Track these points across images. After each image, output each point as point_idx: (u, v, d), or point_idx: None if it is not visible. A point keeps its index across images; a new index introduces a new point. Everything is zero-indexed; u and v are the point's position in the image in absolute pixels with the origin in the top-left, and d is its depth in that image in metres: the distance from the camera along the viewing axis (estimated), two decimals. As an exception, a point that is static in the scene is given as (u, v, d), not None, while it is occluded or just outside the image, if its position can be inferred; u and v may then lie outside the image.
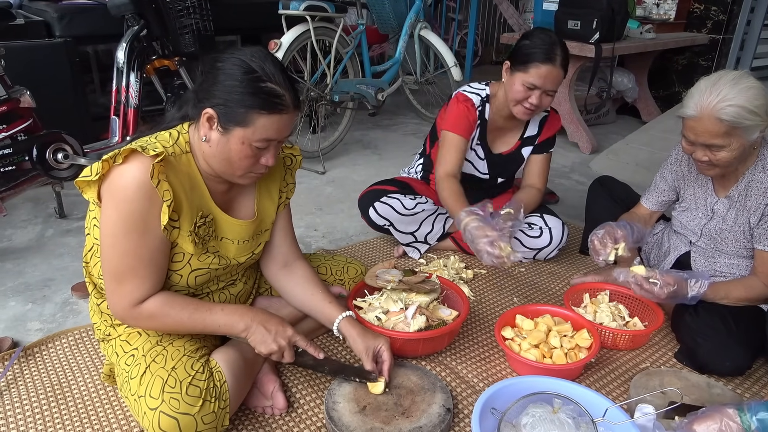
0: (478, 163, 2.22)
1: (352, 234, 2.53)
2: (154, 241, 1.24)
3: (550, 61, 1.89)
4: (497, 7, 5.74)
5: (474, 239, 1.77)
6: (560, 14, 3.59)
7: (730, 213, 1.72)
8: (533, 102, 1.95)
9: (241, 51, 1.25)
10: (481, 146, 2.19)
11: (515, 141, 2.20)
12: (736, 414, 1.20)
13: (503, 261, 1.72)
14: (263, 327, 1.35)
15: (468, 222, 1.82)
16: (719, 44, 4.19)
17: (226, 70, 1.23)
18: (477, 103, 2.12)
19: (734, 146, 1.54)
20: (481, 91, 2.13)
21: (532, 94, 1.94)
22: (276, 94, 1.23)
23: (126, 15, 2.59)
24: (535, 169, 2.21)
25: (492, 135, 2.19)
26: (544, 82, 1.91)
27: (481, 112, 2.13)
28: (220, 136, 1.25)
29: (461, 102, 2.11)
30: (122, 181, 1.19)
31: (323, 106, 3.37)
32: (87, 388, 1.52)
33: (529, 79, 1.92)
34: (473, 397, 1.53)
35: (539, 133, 2.20)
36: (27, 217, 2.58)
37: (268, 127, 1.24)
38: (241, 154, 1.26)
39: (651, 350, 1.77)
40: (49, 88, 2.76)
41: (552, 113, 2.22)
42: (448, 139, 2.10)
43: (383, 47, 5.18)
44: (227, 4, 3.52)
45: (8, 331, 1.79)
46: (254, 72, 1.21)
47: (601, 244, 1.75)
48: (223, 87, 1.22)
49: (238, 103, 1.21)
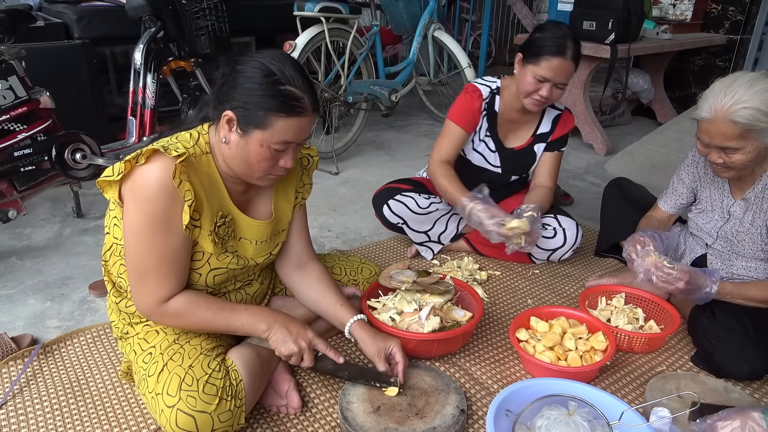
0: (489, 156, 2.21)
1: (365, 234, 2.53)
2: (177, 239, 1.26)
3: (561, 55, 1.90)
4: (511, 8, 5.73)
5: (482, 221, 1.84)
6: (575, 15, 3.57)
7: (747, 215, 1.70)
8: (543, 94, 1.96)
9: (261, 54, 1.26)
10: (492, 138, 2.19)
11: (528, 137, 2.20)
12: (762, 417, 1.19)
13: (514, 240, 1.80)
14: (285, 328, 1.37)
15: (473, 206, 1.88)
16: (737, 45, 4.14)
17: (246, 72, 1.24)
18: (485, 94, 2.13)
19: (749, 149, 1.52)
20: (491, 83, 2.15)
21: (543, 86, 1.95)
22: (295, 97, 1.24)
23: (143, 17, 2.62)
24: (546, 167, 2.21)
25: (504, 128, 2.19)
26: (555, 74, 1.92)
27: (490, 104, 2.14)
28: (239, 138, 1.26)
29: (468, 92, 2.13)
30: (145, 180, 1.21)
31: (337, 107, 3.38)
32: (104, 385, 1.54)
33: (540, 71, 1.93)
34: (487, 399, 1.53)
35: (552, 131, 2.19)
36: (45, 216, 2.62)
37: (287, 129, 1.25)
38: (260, 156, 1.27)
39: (667, 353, 1.75)
40: (67, 89, 2.80)
41: (566, 112, 2.21)
42: (448, 128, 2.13)
43: (397, 48, 5.18)
44: (243, 5, 3.55)
45: (27, 328, 1.82)
46: (274, 75, 1.23)
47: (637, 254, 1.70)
48: (242, 89, 1.23)
49: (257, 105, 1.23)
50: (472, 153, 2.22)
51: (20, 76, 2.15)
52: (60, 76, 2.85)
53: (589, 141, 3.80)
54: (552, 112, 2.20)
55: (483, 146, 2.20)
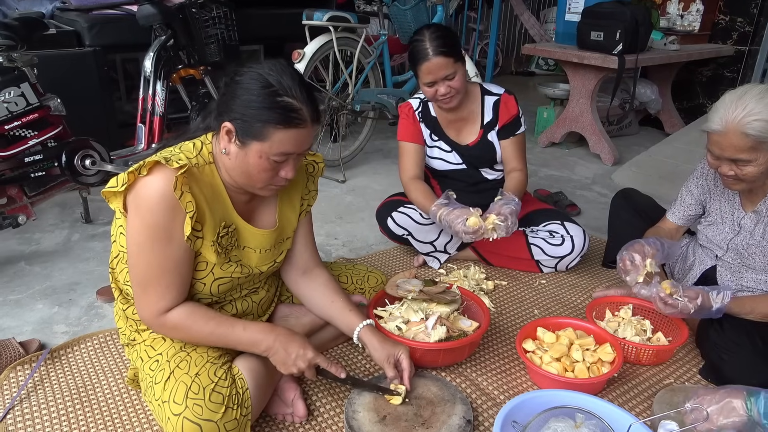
0: (447, 156, 2.24)
1: (372, 243, 2.54)
2: (179, 251, 1.26)
3: (426, 58, 1.98)
4: (518, 18, 5.75)
5: (450, 223, 1.89)
6: (583, 25, 3.57)
7: (758, 228, 1.69)
8: (442, 92, 2.03)
9: (259, 65, 1.25)
10: (442, 140, 2.23)
11: (478, 129, 2.21)
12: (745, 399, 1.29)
13: (482, 234, 1.84)
14: (284, 350, 1.35)
15: (441, 213, 1.94)
16: (745, 56, 4.13)
17: (243, 84, 1.24)
18: (415, 105, 2.22)
19: (761, 161, 1.51)
20: (420, 94, 2.23)
21: (436, 86, 2.02)
22: (293, 109, 1.23)
23: (154, 25, 2.64)
24: (509, 153, 2.21)
25: (451, 129, 2.23)
26: (436, 74, 1.99)
27: (424, 111, 2.22)
28: (238, 149, 1.26)
29: (402, 110, 2.24)
30: (147, 192, 1.22)
31: (344, 116, 3.40)
32: (111, 391, 1.55)
33: (424, 78, 2.02)
34: (494, 410, 1.52)
35: (496, 118, 2.19)
36: (54, 222, 2.64)
37: (285, 141, 1.24)
38: (260, 168, 1.27)
39: (675, 366, 1.74)
40: (78, 96, 2.82)
41: (504, 95, 2.20)
42: (401, 147, 2.23)
43: (404, 57, 5.20)
44: (252, 14, 3.57)
45: (35, 333, 1.83)
46: (271, 86, 1.22)
47: (632, 263, 1.72)
48: (240, 101, 1.23)
49: (254, 117, 1.22)
50: (431, 161, 2.26)
51: (32, 83, 2.18)
52: (71, 83, 2.87)
53: (597, 151, 3.80)
54: (490, 99, 2.20)
55: (437, 150, 2.24)
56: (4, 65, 2.13)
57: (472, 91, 2.19)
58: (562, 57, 3.71)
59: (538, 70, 6.94)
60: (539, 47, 4.01)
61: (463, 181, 2.23)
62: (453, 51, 1.99)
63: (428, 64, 1.98)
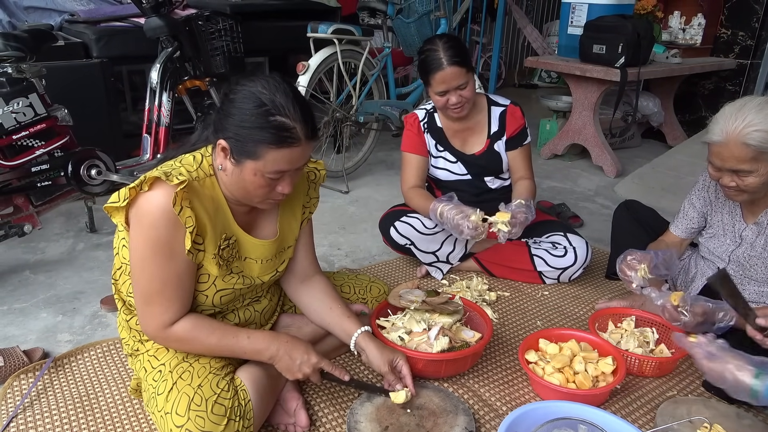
0: (452, 166, 2.26)
1: (375, 254, 2.54)
2: (181, 265, 1.27)
3: (440, 67, 2.00)
4: (521, 31, 5.79)
5: (453, 219, 1.90)
6: (585, 38, 3.60)
7: (759, 239, 1.69)
8: (453, 101, 2.06)
9: (253, 82, 1.24)
10: (447, 151, 2.25)
11: (485, 139, 2.23)
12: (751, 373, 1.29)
13: (482, 232, 1.87)
14: (288, 356, 1.37)
15: (442, 209, 1.94)
16: (747, 69, 4.15)
17: (236, 103, 1.24)
18: (421, 116, 2.25)
19: (762, 171, 1.52)
20: (427, 105, 2.27)
21: (448, 96, 2.05)
22: (285, 128, 1.22)
23: (161, 37, 2.67)
24: (517, 164, 2.24)
25: (457, 139, 2.25)
26: (449, 83, 2.02)
27: (429, 122, 2.24)
28: (233, 167, 1.27)
29: (407, 121, 2.26)
30: (148, 207, 1.22)
31: (348, 127, 3.42)
32: (114, 400, 1.55)
33: (436, 87, 2.04)
34: (496, 421, 1.52)
35: (503, 128, 2.22)
36: (59, 231, 2.66)
37: (279, 160, 1.24)
38: (255, 185, 1.27)
39: (678, 378, 1.74)
40: (84, 106, 2.85)
41: (510, 106, 2.23)
42: (404, 158, 2.26)
43: (408, 70, 5.23)
44: (257, 26, 3.61)
45: (39, 342, 1.83)
46: (264, 105, 1.21)
47: (629, 268, 1.73)
48: (233, 120, 1.23)
49: (247, 137, 1.22)
50: (436, 172, 2.28)
51: (40, 93, 2.20)
52: (78, 94, 2.90)
53: (599, 163, 3.81)
54: (497, 109, 2.23)
55: (442, 161, 2.26)
56: (14, 76, 2.15)
57: (479, 102, 2.22)
58: (565, 70, 3.73)
59: (541, 83, 6.97)
60: (542, 60, 4.04)
61: (467, 192, 2.24)
62: (465, 61, 2.03)
63: (442, 73, 2.00)
